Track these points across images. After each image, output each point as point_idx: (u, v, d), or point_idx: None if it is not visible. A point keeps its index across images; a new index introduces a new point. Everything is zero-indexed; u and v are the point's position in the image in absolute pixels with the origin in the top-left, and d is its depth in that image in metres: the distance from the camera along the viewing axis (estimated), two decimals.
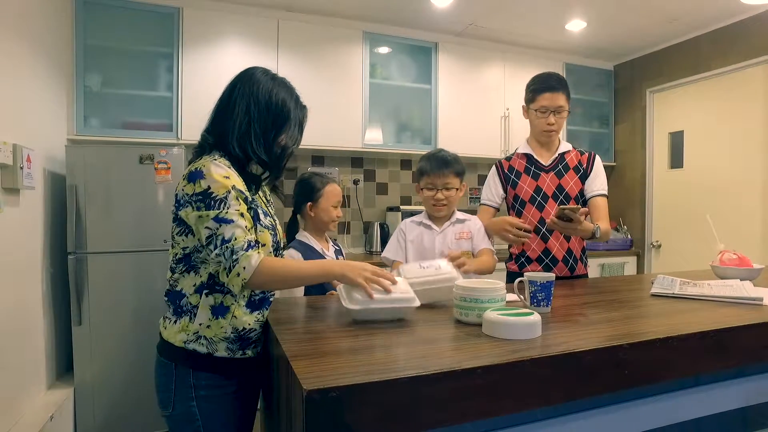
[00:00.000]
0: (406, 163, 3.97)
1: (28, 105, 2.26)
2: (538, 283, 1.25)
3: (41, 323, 2.37)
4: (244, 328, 1.23)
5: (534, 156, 2.05)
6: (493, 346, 0.96)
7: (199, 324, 1.20)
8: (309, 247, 1.89)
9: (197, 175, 1.16)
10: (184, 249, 1.22)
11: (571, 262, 2.01)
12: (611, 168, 4.37)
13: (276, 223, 1.37)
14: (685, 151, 3.88)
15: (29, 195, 2.22)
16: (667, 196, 4.05)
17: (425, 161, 1.90)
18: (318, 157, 3.73)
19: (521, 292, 1.30)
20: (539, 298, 1.26)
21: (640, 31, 3.75)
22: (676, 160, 3.97)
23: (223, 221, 1.13)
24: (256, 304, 1.26)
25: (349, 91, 3.46)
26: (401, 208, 3.67)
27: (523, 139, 2.14)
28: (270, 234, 1.28)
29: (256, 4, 3.25)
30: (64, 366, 2.66)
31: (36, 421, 2.08)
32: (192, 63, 3.07)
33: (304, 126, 1.36)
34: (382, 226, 3.66)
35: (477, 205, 4.22)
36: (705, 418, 1.14)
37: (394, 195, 3.94)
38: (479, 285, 1.17)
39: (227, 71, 1.35)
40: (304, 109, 1.35)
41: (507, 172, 2.07)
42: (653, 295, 1.51)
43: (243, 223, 1.16)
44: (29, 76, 2.27)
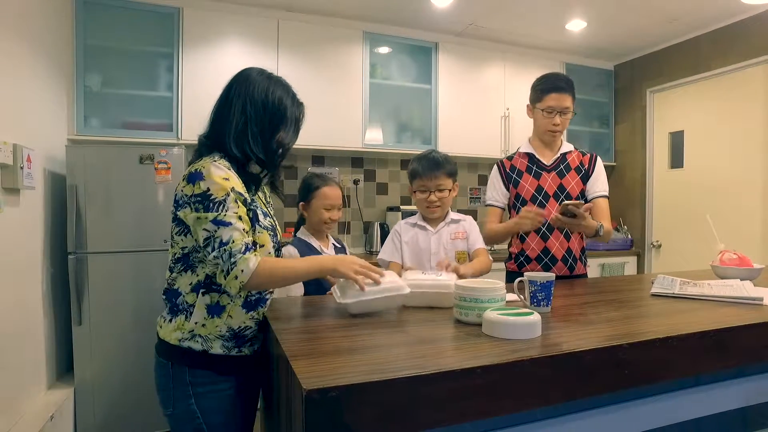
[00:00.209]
0: (406, 163, 3.93)
1: (29, 105, 2.26)
2: (538, 283, 1.25)
3: (41, 323, 2.37)
4: (240, 327, 1.24)
5: (536, 155, 2.05)
6: (492, 346, 0.96)
7: (194, 323, 1.21)
8: (307, 245, 1.93)
9: (197, 176, 1.16)
10: (183, 249, 1.22)
11: (570, 261, 2.01)
12: (611, 168, 4.37)
13: (275, 224, 1.37)
14: (686, 151, 3.88)
15: (29, 195, 2.22)
16: (667, 196, 4.05)
17: (416, 163, 1.88)
18: (318, 157, 3.73)
19: (521, 292, 1.30)
20: (539, 297, 1.26)
21: (640, 31, 3.74)
22: (677, 160, 3.97)
23: (222, 224, 1.14)
24: (252, 304, 1.27)
25: (349, 91, 3.46)
26: (401, 208, 3.67)
27: (524, 139, 2.14)
28: (269, 235, 1.28)
29: (256, 4, 3.25)
30: (64, 366, 2.66)
31: (36, 421, 2.08)
32: (192, 63, 3.07)
33: (301, 123, 1.36)
34: (382, 226, 3.66)
35: (477, 205, 4.28)
36: (705, 418, 1.14)
37: (394, 195, 3.94)
38: (479, 285, 1.17)
39: (227, 71, 1.35)
40: (300, 106, 1.35)
41: (509, 171, 2.07)
42: (653, 295, 1.51)
43: (241, 225, 1.17)
44: (29, 76, 2.27)
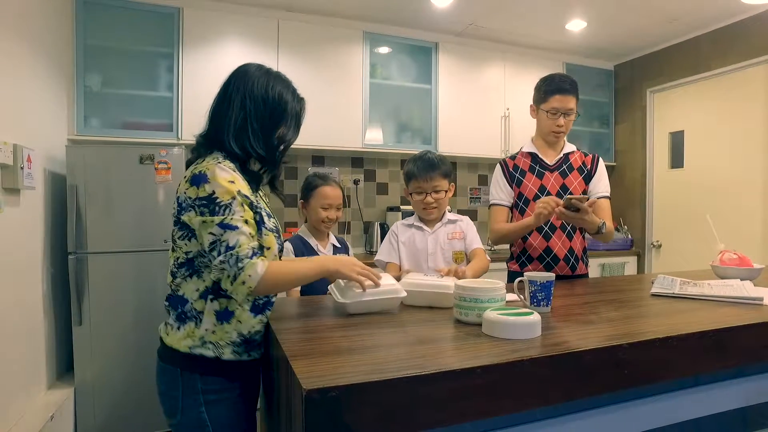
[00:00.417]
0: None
1: (29, 105, 2.26)
2: (538, 283, 1.25)
3: (42, 323, 2.37)
4: (249, 332, 1.21)
5: (539, 155, 2.06)
6: (492, 346, 0.96)
7: (204, 329, 1.17)
8: (305, 243, 1.96)
9: (201, 178, 1.13)
10: (186, 253, 1.18)
11: (572, 261, 2.01)
12: (611, 168, 4.37)
13: (278, 224, 1.36)
14: (686, 151, 3.88)
15: (29, 195, 2.23)
16: (667, 196, 4.05)
17: (412, 165, 1.89)
18: (318, 157, 3.73)
19: (521, 292, 1.30)
20: (539, 297, 1.26)
21: (640, 31, 3.74)
22: (677, 160, 3.97)
23: (228, 227, 1.10)
24: (260, 308, 1.24)
25: (349, 91, 3.46)
26: (401, 208, 3.67)
27: (527, 139, 2.14)
28: (275, 237, 1.27)
29: (256, 4, 3.25)
30: (64, 366, 2.66)
31: (36, 421, 2.08)
32: (192, 63, 3.07)
33: (302, 119, 1.33)
34: (383, 226, 3.66)
35: (477, 205, 4.28)
36: (705, 418, 1.14)
37: (394, 195, 3.94)
38: (479, 285, 1.18)
39: (227, 71, 1.32)
40: (301, 101, 1.32)
41: (512, 170, 2.07)
42: (653, 294, 1.51)
43: (247, 230, 1.14)
44: (29, 76, 2.27)
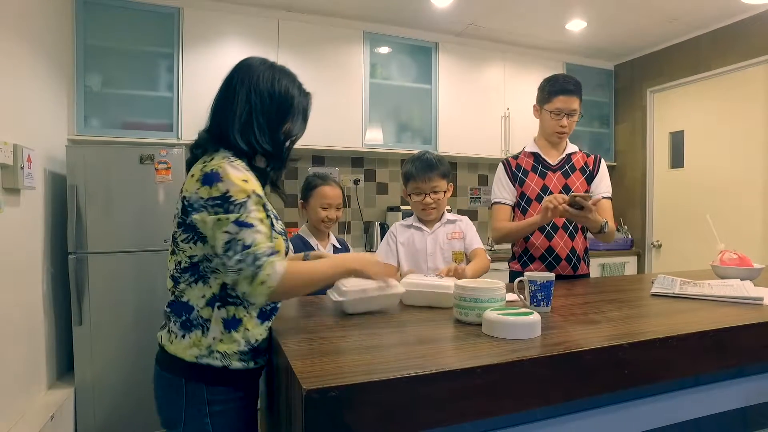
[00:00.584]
0: None
1: (29, 105, 2.26)
2: (538, 283, 1.25)
3: (42, 323, 2.37)
4: (257, 339, 1.17)
5: (541, 155, 2.06)
6: (492, 346, 0.96)
7: (212, 338, 1.12)
8: (305, 242, 1.97)
9: (213, 177, 1.07)
10: (191, 257, 1.13)
11: (574, 261, 2.01)
12: (612, 168, 4.36)
13: (284, 228, 1.33)
14: (686, 151, 3.88)
15: (30, 195, 2.23)
16: (667, 196, 4.05)
17: (410, 165, 1.88)
18: (318, 157, 3.73)
19: (521, 292, 1.30)
20: (539, 297, 1.26)
21: (640, 31, 3.74)
22: (677, 160, 3.97)
23: (244, 225, 1.05)
24: (267, 314, 1.20)
25: (349, 91, 3.46)
26: (401, 208, 3.66)
27: (527, 139, 2.14)
28: (283, 239, 1.23)
29: (256, 4, 3.25)
30: (64, 366, 2.66)
31: (36, 421, 2.08)
32: (192, 63, 3.07)
33: (309, 113, 1.29)
34: (383, 226, 3.66)
35: (477, 205, 4.28)
36: (705, 418, 1.14)
37: (394, 195, 3.94)
38: (479, 285, 1.17)
39: (227, 71, 1.32)
40: (308, 95, 1.29)
41: (515, 169, 2.07)
42: (653, 294, 1.51)
43: (263, 229, 1.09)
44: (29, 77, 2.27)
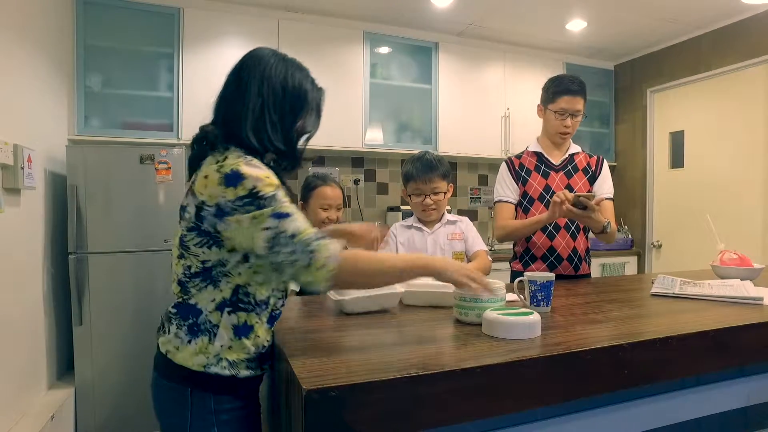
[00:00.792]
0: None
1: (29, 105, 2.26)
2: (538, 283, 1.25)
3: (42, 323, 2.37)
4: (264, 345, 1.13)
5: (544, 155, 2.06)
6: (492, 346, 0.96)
7: (220, 345, 1.06)
8: None
9: (236, 177, 1.01)
10: (203, 262, 1.06)
11: (575, 260, 2.01)
12: (612, 168, 4.36)
13: None
14: (686, 151, 3.88)
15: (30, 195, 2.23)
16: (667, 196, 4.05)
17: (410, 166, 1.87)
18: (318, 157, 3.73)
19: (521, 292, 1.30)
20: (539, 297, 1.26)
21: (640, 31, 3.74)
22: (677, 160, 3.97)
23: (282, 216, 1.00)
24: (274, 318, 1.16)
25: (349, 91, 3.45)
26: (402, 208, 3.66)
27: (527, 138, 2.14)
28: None
29: (256, 4, 3.25)
30: (64, 366, 2.66)
31: (37, 421, 2.08)
32: (192, 63, 3.07)
33: (322, 109, 1.23)
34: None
35: (477, 205, 4.28)
36: (705, 418, 1.14)
37: (394, 195, 3.94)
38: None
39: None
40: (320, 90, 1.23)
41: (518, 169, 2.07)
42: (653, 294, 1.51)
43: (302, 216, 1.04)
44: (30, 77, 2.27)
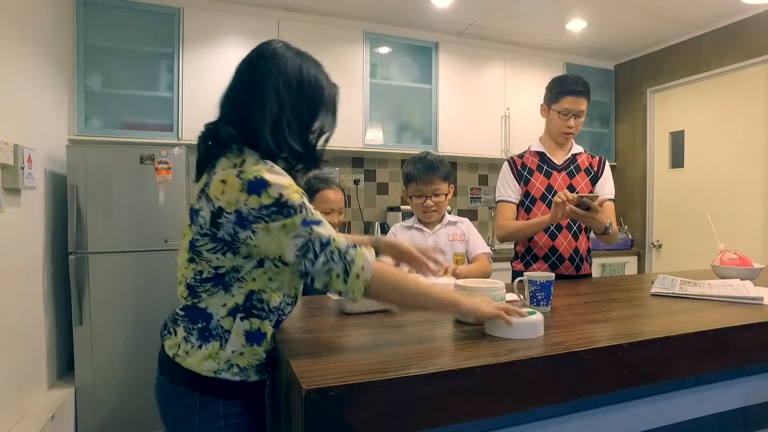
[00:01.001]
0: None
1: (29, 105, 2.26)
2: (538, 283, 1.25)
3: (42, 323, 2.37)
4: (271, 350, 1.11)
5: (547, 154, 2.06)
6: (492, 346, 0.96)
7: (231, 351, 1.03)
8: None
9: (260, 184, 0.97)
10: (216, 268, 1.03)
11: (577, 260, 2.01)
12: (612, 168, 4.33)
13: None
14: (686, 151, 3.88)
15: (30, 195, 2.23)
16: (667, 196, 4.05)
17: (411, 167, 1.86)
18: None
19: (521, 292, 1.30)
20: (539, 297, 1.26)
21: (640, 31, 3.74)
22: (677, 160, 3.97)
23: (312, 223, 0.97)
24: (280, 323, 1.14)
25: (349, 91, 3.45)
26: (402, 208, 3.66)
27: (528, 138, 2.14)
28: None
29: (256, 4, 3.25)
30: (65, 366, 2.66)
31: (37, 421, 2.08)
32: (192, 63, 3.07)
33: (337, 107, 1.19)
34: (383, 226, 3.66)
35: (477, 205, 4.28)
36: (705, 418, 1.14)
37: (394, 195, 3.94)
38: (478, 284, 1.18)
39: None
40: (335, 87, 1.19)
41: (520, 168, 2.07)
42: (653, 294, 1.51)
43: (328, 223, 1.02)
44: (30, 77, 2.27)
